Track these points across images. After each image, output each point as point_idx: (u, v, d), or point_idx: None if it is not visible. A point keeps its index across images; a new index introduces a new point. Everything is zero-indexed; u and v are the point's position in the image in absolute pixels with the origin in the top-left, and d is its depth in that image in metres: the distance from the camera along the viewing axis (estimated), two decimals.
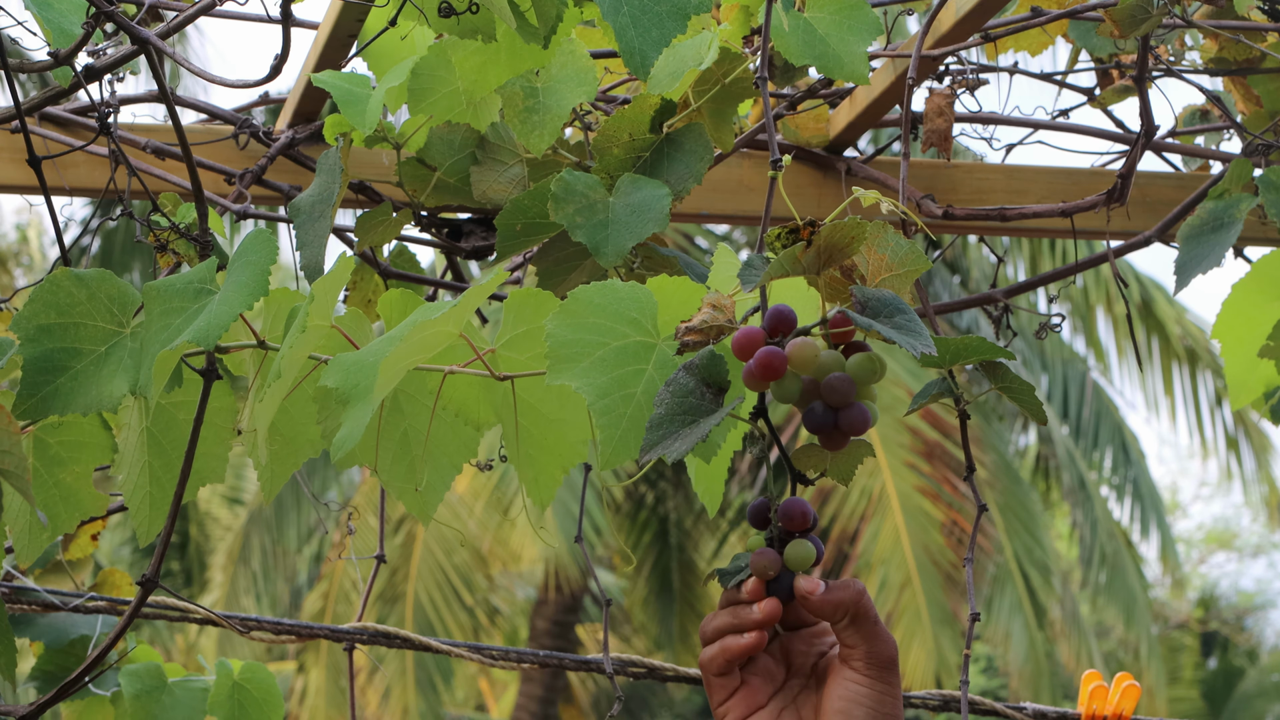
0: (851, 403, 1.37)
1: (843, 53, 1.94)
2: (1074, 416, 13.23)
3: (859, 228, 1.38)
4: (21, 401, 1.65)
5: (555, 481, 1.72)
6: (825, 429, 1.37)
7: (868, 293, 1.39)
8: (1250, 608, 23.86)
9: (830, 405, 1.37)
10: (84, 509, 1.83)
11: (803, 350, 1.36)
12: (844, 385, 1.36)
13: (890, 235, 1.44)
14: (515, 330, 1.65)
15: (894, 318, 1.38)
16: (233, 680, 2.44)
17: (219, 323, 1.60)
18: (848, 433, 1.37)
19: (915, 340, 1.35)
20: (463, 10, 1.86)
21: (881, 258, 1.44)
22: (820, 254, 1.39)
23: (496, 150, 2.18)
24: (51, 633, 2.59)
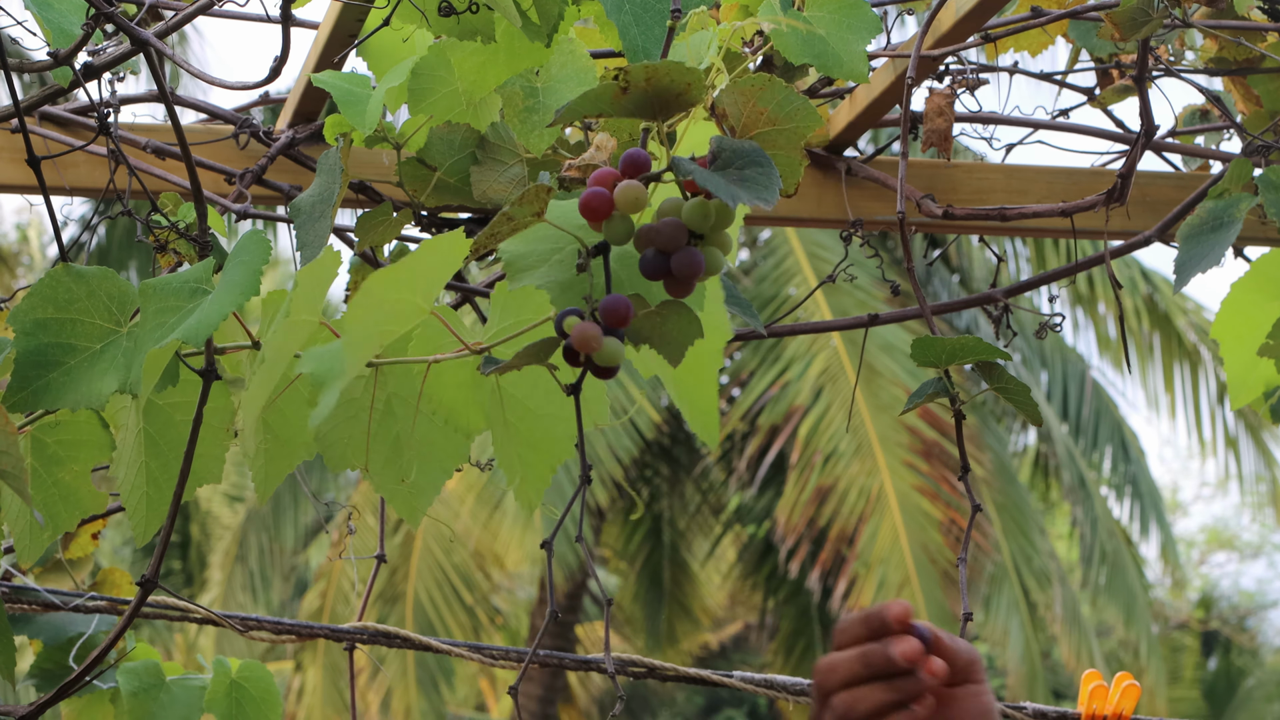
0: (681, 247, 1.37)
1: (842, 51, 1.94)
2: (1073, 415, 13.24)
3: (690, 74, 1.38)
4: (11, 394, 1.65)
5: (544, 482, 1.72)
6: (658, 273, 1.38)
7: (725, 142, 1.39)
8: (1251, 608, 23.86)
9: (661, 250, 1.37)
10: (83, 508, 1.83)
11: (627, 193, 1.37)
12: (670, 229, 1.37)
13: (778, 89, 1.43)
14: (503, 322, 1.65)
15: (745, 169, 1.38)
16: (230, 678, 2.44)
17: (208, 321, 1.60)
18: (680, 278, 1.38)
19: (742, 192, 1.35)
20: (463, 10, 1.86)
21: (761, 110, 1.43)
22: (648, 97, 1.39)
23: (496, 150, 2.18)
24: (50, 631, 2.59)
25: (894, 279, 2.59)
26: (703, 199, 1.37)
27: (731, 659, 18.76)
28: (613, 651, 2.33)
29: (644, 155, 1.39)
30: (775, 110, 1.43)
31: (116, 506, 2.44)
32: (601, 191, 1.37)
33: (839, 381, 11.25)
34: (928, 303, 2.30)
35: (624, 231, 1.38)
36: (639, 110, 1.40)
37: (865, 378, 10.91)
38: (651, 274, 1.38)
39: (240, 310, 1.62)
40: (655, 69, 1.38)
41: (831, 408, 11.23)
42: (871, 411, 10.93)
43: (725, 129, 1.42)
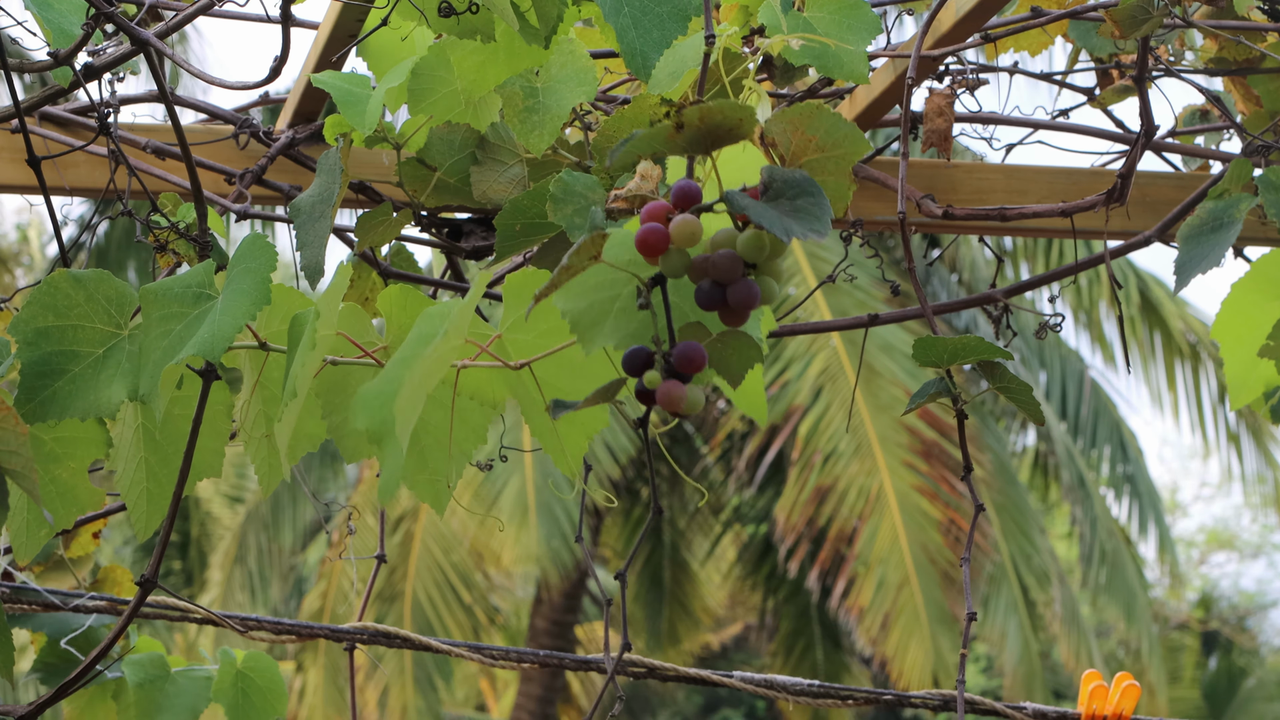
0: (738, 278, 1.38)
1: (842, 52, 1.94)
2: (1072, 414, 13.24)
3: (742, 111, 1.39)
4: (20, 405, 1.66)
5: (581, 449, 1.73)
6: (714, 304, 1.39)
7: (776, 173, 1.40)
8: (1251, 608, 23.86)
9: (717, 281, 1.38)
10: (81, 505, 1.83)
11: (683, 228, 1.37)
12: (726, 261, 1.38)
13: (825, 116, 1.43)
14: (518, 312, 1.66)
15: (796, 199, 1.38)
16: (236, 669, 2.45)
17: (224, 334, 1.60)
18: (736, 309, 1.38)
19: (794, 224, 1.36)
20: (463, 10, 1.86)
21: (810, 138, 1.43)
22: (701, 134, 1.40)
23: (496, 150, 2.18)
24: (53, 625, 2.59)
25: (894, 279, 2.59)
26: (759, 231, 1.38)
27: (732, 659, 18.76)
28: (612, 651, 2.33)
29: (695, 187, 1.39)
30: (824, 137, 1.44)
31: (116, 506, 2.44)
32: (658, 228, 1.37)
33: (838, 381, 11.25)
34: (928, 303, 2.29)
35: (681, 265, 1.39)
36: (692, 147, 1.41)
37: (865, 378, 10.92)
38: (708, 305, 1.39)
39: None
40: (708, 110, 1.38)
41: (831, 407, 11.24)
42: (871, 411, 10.93)
43: (775, 157, 1.43)
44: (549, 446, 1.73)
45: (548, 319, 1.65)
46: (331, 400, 1.77)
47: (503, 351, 1.68)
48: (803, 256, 11.16)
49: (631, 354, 1.41)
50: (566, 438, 1.72)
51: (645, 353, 1.40)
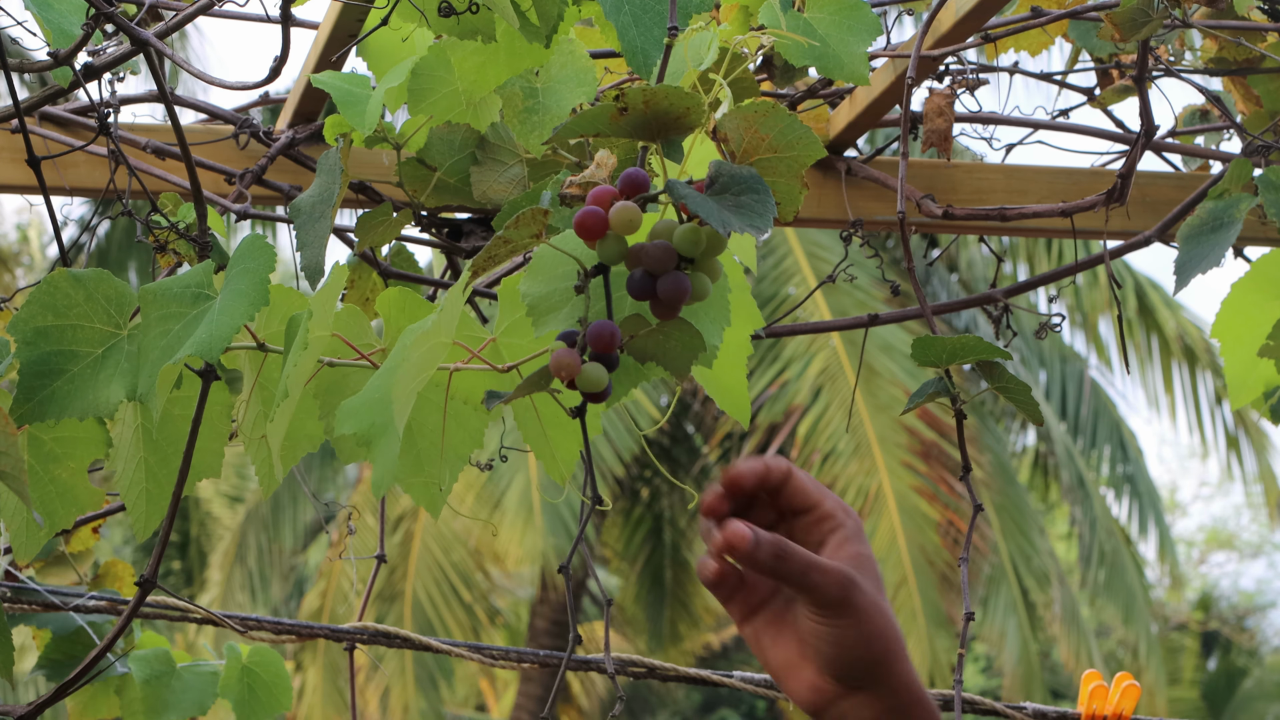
0: (669, 270, 1.37)
1: (842, 53, 1.94)
2: (1072, 414, 13.25)
3: (689, 99, 1.38)
4: (18, 405, 1.66)
5: (573, 455, 1.73)
6: (643, 294, 1.38)
7: (724, 167, 1.39)
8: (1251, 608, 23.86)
9: (649, 272, 1.37)
10: (81, 505, 1.83)
11: (621, 214, 1.37)
12: (659, 252, 1.37)
13: (781, 116, 1.43)
14: (513, 316, 1.65)
15: (741, 195, 1.37)
16: (242, 664, 2.46)
17: (221, 335, 1.60)
18: (665, 301, 1.37)
19: (735, 219, 1.34)
20: (463, 10, 1.86)
21: (763, 137, 1.43)
22: (646, 120, 1.39)
23: (496, 150, 2.18)
24: (57, 620, 2.59)
25: (894, 279, 2.59)
26: (695, 224, 1.37)
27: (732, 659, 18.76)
28: (613, 652, 2.33)
29: (643, 175, 1.38)
30: (777, 138, 1.43)
31: (116, 506, 2.44)
32: (596, 211, 1.37)
33: (838, 381, 11.25)
34: (927, 303, 2.29)
35: (617, 252, 1.38)
36: (636, 132, 1.40)
37: (864, 378, 10.92)
38: (638, 294, 1.38)
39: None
40: (653, 92, 1.38)
41: (830, 407, 11.24)
42: (870, 411, 10.93)
43: (726, 153, 1.42)
44: (540, 452, 1.73)
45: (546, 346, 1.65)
46: (329, 401, 1.77)
47: (497, 355, 1.68)
48: (803, 256, 11.16)
49: (563, 336, 1.40)
50: (558, 444, 1.71)
51: (573, 334, 1.40)
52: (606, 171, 1.43)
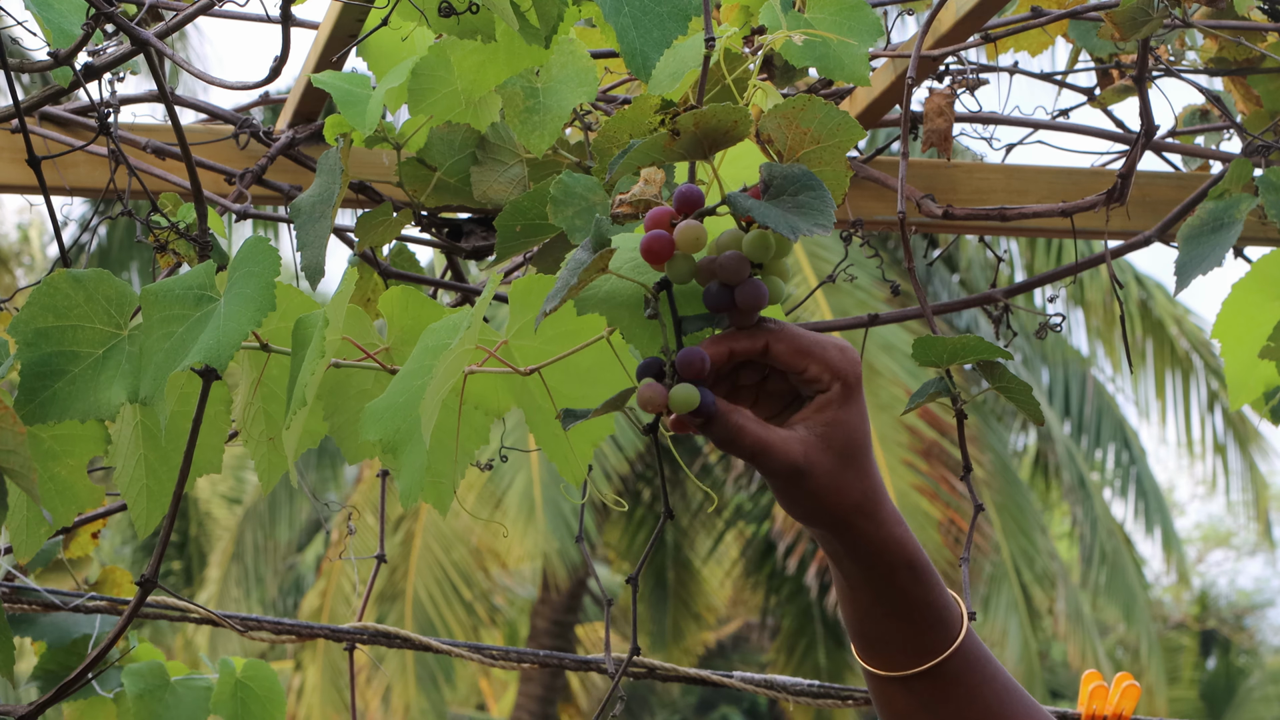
0: (745, 279, 1.37)
1: (843, 54, 1.94)
2: (1076, 412, 13.25)
3: (736, 113, 1.39)
4: (19, 407, 1.65)
5: (586, 457, 1.73)
6: (723, 306, 1.38)
7: (775, 169, 1.39)
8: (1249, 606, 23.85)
9: (724, 283, 1.38)
10: (80, 502, 1.83)
11: (687, 233, 1.37)
12: (733, 263, 1.37)
13: (817, 106, 1.43)
14: (524, 318, 1.66)
15: (799, 195, 1.38)
16: (235, 678, 2.44)
17: (229, 341, 1.60)
18: (744, 309, 1.38)
19: (799, 221, 1.35)
20: (463, 10, 1.86)
21: (805, 130, 1.43)
22: (698, 140, 1.39)
23: (497, 150, 2.18)
24: (54, 632, 2.59)
25: (894, 279, 2.59)
26: (764, 231, 1.37)
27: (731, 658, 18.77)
28: (613, 651, 2.33)
29: (697, 192, 1.38)
30: (819, 128, 1.43)
31: (116, 506, 2.44)
32: (663, 235, 1.37)
33: None
34: (928, 302, 2.29)
35: (687, 271, 1.39)
36: (689, 153, 1.41)
37: (865, 377, 10.88)
38: (716, 307, 1.38)
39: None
40: (703, 115, 1.38)
41: None
42: (871, 410, 10.92)
43: (772, 154, 1.42)
44: (553, 454, 1.73)
45: (555, 325, 1.65)
46: (333, 401, 1.78)
47: (509, 358, 1.68)
48: (803, 256, 11.16)
49: (645, 365, 1.40)
50: (572, 446, 1.72)
51: (658, 363, 1.39)
52: (656, 188, 1.43)
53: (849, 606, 1.42)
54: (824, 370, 1.36)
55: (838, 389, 1.36)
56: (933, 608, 1.40)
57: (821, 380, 1.37)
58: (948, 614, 1.40)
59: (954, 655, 1.40)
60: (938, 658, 1.40)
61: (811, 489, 1.36)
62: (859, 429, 1.37)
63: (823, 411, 1.36)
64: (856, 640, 1.43)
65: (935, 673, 1.40)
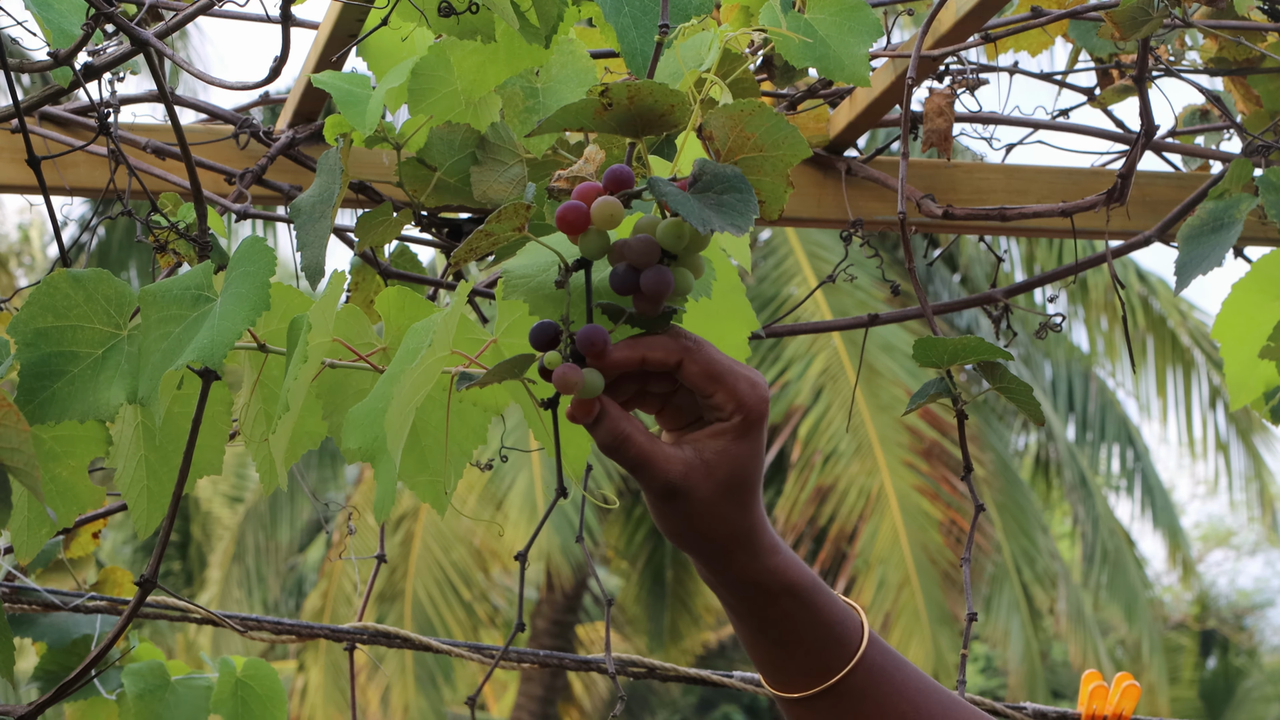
0: (652, 264, 1.37)
1: (843, 55, 1.94)
2: (1080, 410, 13.26)
3: (674, 96, 1.38)
4: (19, 407, 1.65)
5: (584, 452, 1.72)
6: (627, 288, 1.38)
7: (708, 166, 1.39)
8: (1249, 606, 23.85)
9: (632, 266, 1.38)
10: (81, 503, 1.83)
11: (603, 208, 1.37)
12: (641, 245, 1.37)
13: (767, 115, 1.43)
14: (512, 316, 1.65)
15: (724, 194, 1.37)
16: (236, 678, 2.44)
17: (223, 340, 1.60)
18: (648, 294, 1.37)
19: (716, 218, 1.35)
20: (462, 10, 1.86)
21: (749, 135, 1.43)
22: (630, 116, 1.39)
23: (497, 150, 2.18)
24: (54, 633, 2.59)
25: (894, 279, 2.59)
26: (679, 220, 1.37)
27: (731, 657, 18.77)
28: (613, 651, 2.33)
29: (627, 171, 1.38)
30: (763, 137, 1.43)
31: (117, 506, 2.44)
32: (579, 205, 1.37)
33: (839, 381, 11.25)
34: (928, 303, 2.29)
35: (599, 246, 1.38)
36: (621, 127, 1.40)
37: (865, 377, 10.92)
38: (621, 289, 1.38)
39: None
40: (638, 88, 1.38)
41: (831, 407, 11.24)
42: (871, 411, 10.93)
43: (711, 151, 1.42)
44: (552, 450, 1.73)
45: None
46: (332, 401, 1.78)
47: (498, 355, 1.68)
48: (803, 256, 11.16)
49: (539, 328, 1.39)
50: (568, 442, 1.71)
51: (553, 329, 1.39)
52: (594, 166, 1.43)
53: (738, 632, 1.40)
54: (729, 400, 1.35)
55: (737, 421, 1.35)
56: (823, 627, 1.37)
57: (724, 409, 1.35)
58: (843, 630, 1.38)
59: (854, 671, 1.37)
60: (835, 676, 1.37)
61: (685, 512, 1.35)
62: (749, 465, 1.36)
63: (717, 439, 1.35)
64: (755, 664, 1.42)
65: (837, 690, 1.38)
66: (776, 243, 11.62)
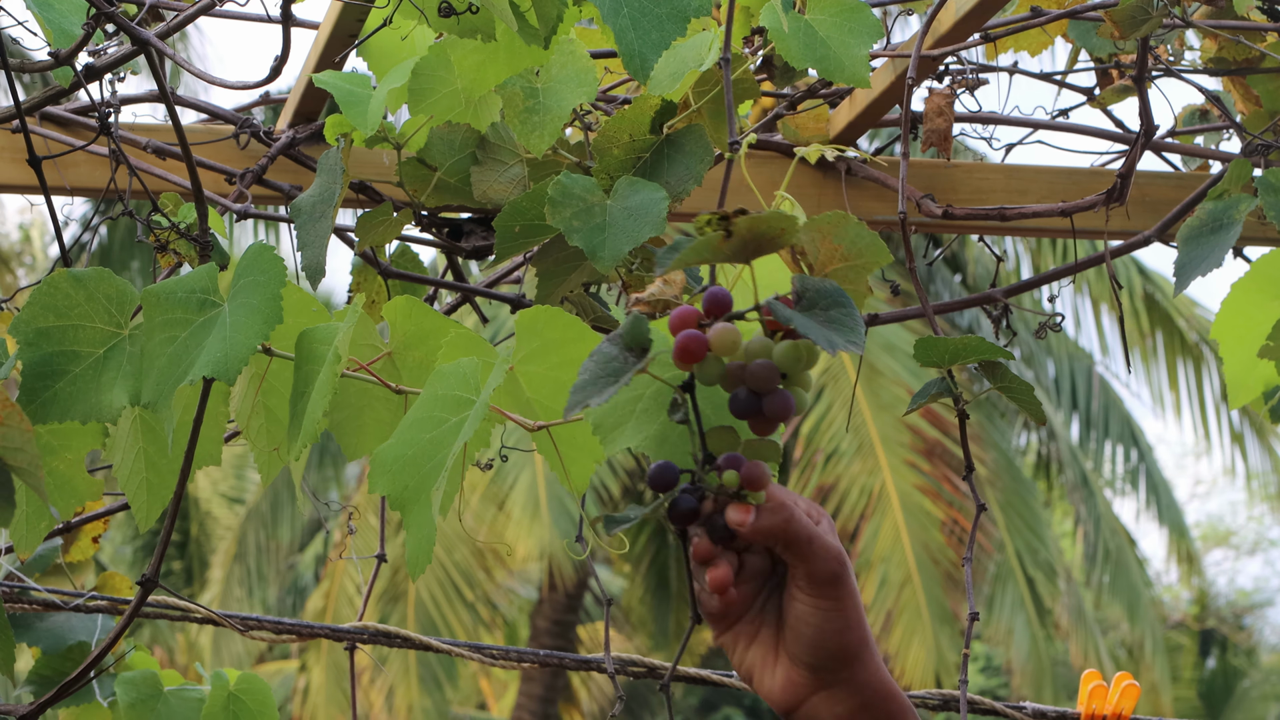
0: (774, 389, 1.37)
1: (843, 56, 1.94)
2: (1083, 408, 13.25)
3: (786, 221, 1.39)
4: (20, 406, 1.66)
5: (588, 470, 1.73)
6: (749, 414, 1.38)
7: (807, 282, 1.40)
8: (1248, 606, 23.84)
9: (754, 391, 1.38)
10: (80, 496, 1.83)
11: (723, 336, 1.37)
12: (766, 372, 1.37)
13: (850, 226, 1.43)
14: (530, 346, 1.66)
15: (829, 310, 1.38)
16: (228, 690, 2.42)
17: (237, 355, 1.60)
18: (771, 419, 1.38)
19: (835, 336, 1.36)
20: (463, 10, 1.86)
21: (836, 247, 1.44)
22: (746, 243, 1.40)
23: (497, 150, 2.18)
24: (49, 638, 2.58)
25: (894, 279, 2.59)
26: (797, 342, 1.37)
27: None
28: (613, 651, 2.33)
29: (727, 295, 1.38)
30: (848, 247, 1.44)
31: (118, 505, 2.44)
32: (699, 335, 1.36)
33: (840, 381, 11.25)
34: (929, 302, 2.30)
35: (718, 373, 1.38)
36: (735, 255, 1.41)
37: (866, 377, 10.92)
38: (743, 414, 1.37)
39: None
40: (758, 220, 1.38)
41: (833, 407, 11.24)
42: (873, 411, 10.93)
43: (804, 266, 1.42)
44: (554, 466, 1.73)
45: (561, 352, 1.65)
46: (334, 398, 1.78)
47: (514, 382, 1.68)
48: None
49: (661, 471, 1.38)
50: (572, 462, 1.71)
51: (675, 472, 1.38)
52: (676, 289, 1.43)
53: None
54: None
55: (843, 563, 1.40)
56: None
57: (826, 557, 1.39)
58: None
59: None
60: None
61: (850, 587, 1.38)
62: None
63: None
64: None
65: None
66: None
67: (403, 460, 1.59)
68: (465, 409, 1.58)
